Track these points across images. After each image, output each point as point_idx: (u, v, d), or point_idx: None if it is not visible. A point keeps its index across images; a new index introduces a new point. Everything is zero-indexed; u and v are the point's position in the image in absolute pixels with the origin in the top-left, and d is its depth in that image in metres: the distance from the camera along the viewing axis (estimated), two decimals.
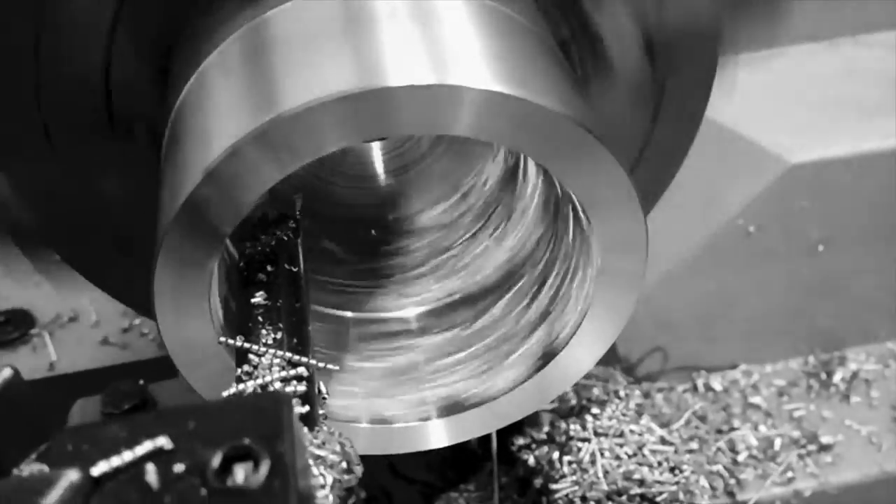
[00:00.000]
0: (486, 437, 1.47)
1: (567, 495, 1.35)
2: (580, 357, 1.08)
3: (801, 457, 1.50)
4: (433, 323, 1.23)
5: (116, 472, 0.65)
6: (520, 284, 1.20)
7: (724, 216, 1.49)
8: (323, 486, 0.74)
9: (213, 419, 0.67)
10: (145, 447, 0.65)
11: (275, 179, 0.85)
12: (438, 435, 1.13)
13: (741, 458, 1.50)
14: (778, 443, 1.51)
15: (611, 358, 1.55)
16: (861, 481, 1.49)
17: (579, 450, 1.37)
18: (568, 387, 1.12)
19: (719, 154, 1.48)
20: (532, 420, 1.46)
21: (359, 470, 0.81)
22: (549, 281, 1.15)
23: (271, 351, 0.86)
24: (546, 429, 1.42)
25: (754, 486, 1.48)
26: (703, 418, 1.54)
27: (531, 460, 1.40)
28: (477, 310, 1.22)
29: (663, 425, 1.43)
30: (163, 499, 0.63)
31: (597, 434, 1.38)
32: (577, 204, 0.96)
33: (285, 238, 1.01)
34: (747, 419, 1.55)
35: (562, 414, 1.44)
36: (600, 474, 1.34)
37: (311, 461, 0.76)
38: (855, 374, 1.60)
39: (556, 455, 1.38)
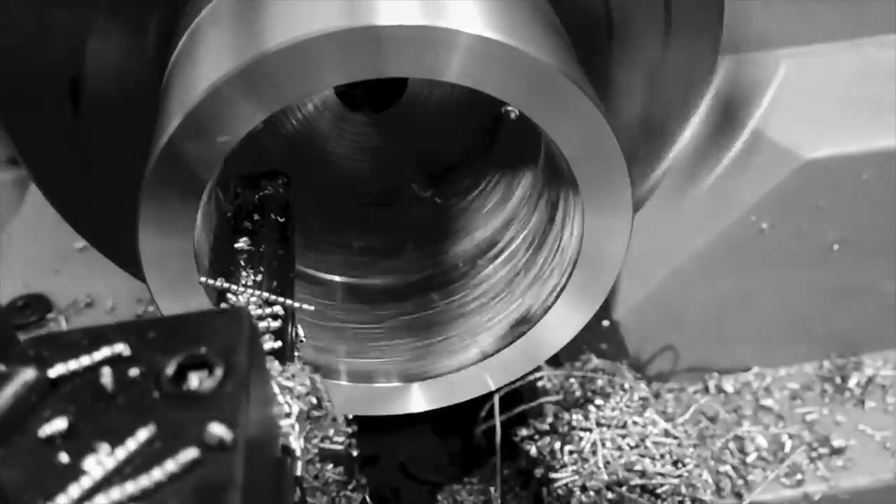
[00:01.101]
0: (492, 431, 1.46)
1: (567, 485, 1.33)
2: (563, 323, 1.07)
3: (811, 459, 1.47)
4: (419, 290, 1.23)
5: (73, 375, 0.65)
6: (505, 253, 1.20)
7: (736, 212, 1.47)
8: (288, 415, 0.74)
9: (173, 330, 0.67)
10: (103, 353, 0.65)
11: (256, 121, 0.86)
12: (417, 398, 1.12)
13: (750, 459, 1.47)
14: (788, 445, 1.48)
15: (619, 354, 1.53)
16: (873, 486, 1.46)
17: (581, 439, 1.35)
18: (550, 354, 1.11)
19: (731, 147, 1.47)
20: (536, 412, 1.45)
21: (330, 407, 0.81)
22: (534, 246, 1.14)
23: (250, 291, 0.87)
24: (549, 420, 1.41)
25: (762, 487, 1.45)
26: (712, 419, 1.52)
27: (533, 451, 1.39)
28: (462, 278, 1.21)
29: (668, 420, 1.41)
30: (116, 400, 0.63)
31: (599, 424, 1.36)
32: (562, 162, 0.95)
33: (276, 192, 1.01)
34: (758, 421, 1.52)
35: (566, 406, 1.43)
36: (601, 464, 1.32)
37: (277, 390, 0.75)
38: (871, 380, 1.57)
39: (557, 445, 1.36)
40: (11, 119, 1.12)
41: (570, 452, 1.35)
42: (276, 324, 0.83)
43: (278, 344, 0.81)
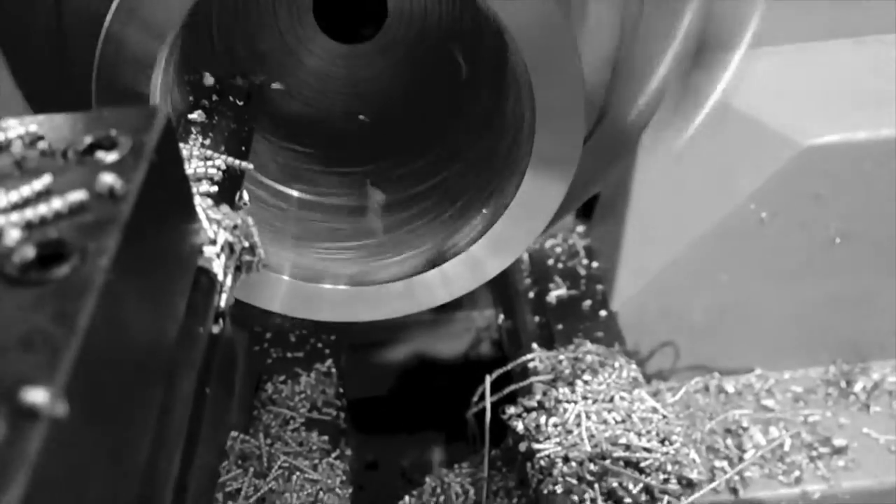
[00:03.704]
0: (483, 414, 1.43)
1: (549, 456, 1.29)
2: (516, 233, 1.06)
3: (812, 459, 1.42)
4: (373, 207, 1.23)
5: None
6: (458, 166, 1.20)
7: (734, 200, 1.45)
8: (213, 242, 0.74)
9: (89, 118, 0.69)
10: (17, 130, 0.67)
11: None
12: (361, 306, 1.10)
13: (748, 455, 1.42)
14: (788, 443, 1.43)
15: (616, 344, 1.50)
16: (874, 488, 1.40)
17: (565, 412, 1.32)
18: (501, 268, 1.09)
19: (729, 135, 1.46)
20: (525, 390, 1.43)
21: (262, 254, 0.80)
22: (487, 160, 1.14)
23: (195, 148, 0.87)
24: (538, 397, 1.38)
25: (760, 484, 1.40)
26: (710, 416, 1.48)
27: (520, 427, 1.36)
28: (417, 197, 1.21)
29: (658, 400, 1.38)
30: (22, 165, 0.65)
31: (585, 398, 1.34)
32: (520, 67, 0.96)
33: (240, 84, 1.02)
34: (758, 420, 1.48)
35: (556, 384, 1.41)
36: (584, 436, 1.29)
37: (205, 220, 0.75)
38: (877, 385, 1.52)
39: (543, 419, 1.33)
40: None
41: (555, 425, 1.32)
42: (214, 170, 0.83)
43: (214, 189, 0.81)
